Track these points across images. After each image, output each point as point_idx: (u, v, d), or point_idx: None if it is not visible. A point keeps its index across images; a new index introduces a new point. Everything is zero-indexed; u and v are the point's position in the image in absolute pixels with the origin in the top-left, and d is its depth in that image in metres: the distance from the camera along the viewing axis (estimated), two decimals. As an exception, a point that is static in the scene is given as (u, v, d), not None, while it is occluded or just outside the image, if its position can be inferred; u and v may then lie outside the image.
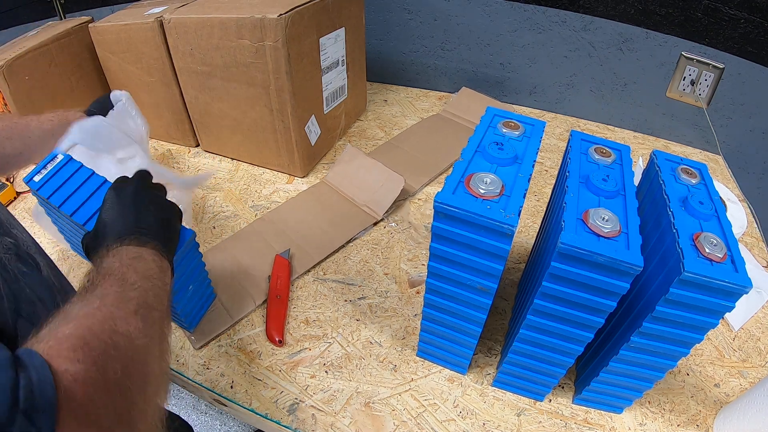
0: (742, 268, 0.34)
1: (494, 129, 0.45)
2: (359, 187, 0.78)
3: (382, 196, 0.75)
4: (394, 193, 0.74)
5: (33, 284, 0.36)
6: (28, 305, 0.34)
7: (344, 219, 0.74)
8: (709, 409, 0.51)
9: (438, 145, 0.91)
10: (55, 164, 0.52)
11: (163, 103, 0.88)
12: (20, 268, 0.36)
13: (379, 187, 0.75)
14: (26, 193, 0.83)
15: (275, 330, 0.57)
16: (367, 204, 0.75)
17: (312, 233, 0.71)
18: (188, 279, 0.54)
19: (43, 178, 0.52)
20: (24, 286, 0.35)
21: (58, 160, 0.53)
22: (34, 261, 0.39)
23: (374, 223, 0.74)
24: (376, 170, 0.77)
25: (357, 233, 0.71)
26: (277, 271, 0.63)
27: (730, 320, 0.60)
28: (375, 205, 0.75)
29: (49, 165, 0.52)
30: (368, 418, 0.49)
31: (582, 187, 0.41)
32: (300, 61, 0.72)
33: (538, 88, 1.04)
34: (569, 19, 0.91)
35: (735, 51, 0.82)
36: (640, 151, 0.93)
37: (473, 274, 0.40)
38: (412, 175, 0.82)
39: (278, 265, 0.64)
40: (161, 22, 0.76)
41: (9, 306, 0.32)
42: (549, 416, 0.50)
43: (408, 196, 0.79)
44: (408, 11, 1.03)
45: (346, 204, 0.77)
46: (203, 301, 0.59)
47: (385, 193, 0.75)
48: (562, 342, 0.42)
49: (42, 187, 0.51)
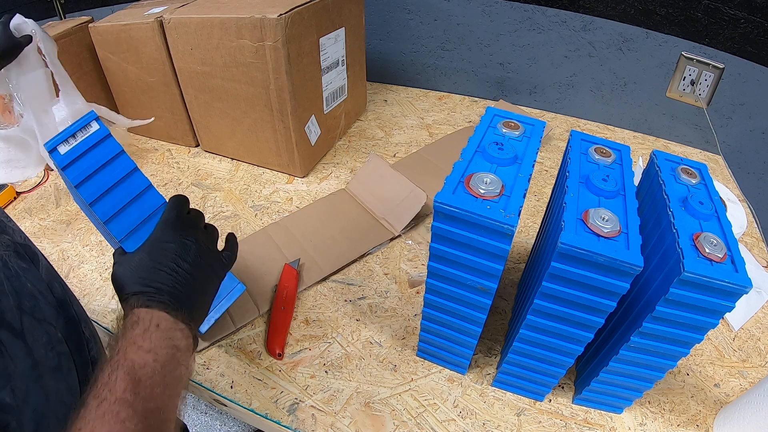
0: (742, 268, 0.34)
1: (494, 129, 0.45)
2: (380, 198, 0.74)
3: (402, 211, 0.71)
4: (414, 210, 0.70)
5: (33, 279, 0.36)
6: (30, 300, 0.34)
7: (360, 232, 0.71)
8: (709, 409, 0.51)
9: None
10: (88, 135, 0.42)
11: (163, 103, 0.88)
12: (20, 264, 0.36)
13: (400, 201, 0.72)
14: (26, 193, 0.83)
15: (276, 343, 0.55)
16: (386, 217, 0.72)
17: (325, 244, 0.69)
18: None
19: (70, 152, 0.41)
20: (25, 281, 0.35)
21: (92, 129, 0.42)
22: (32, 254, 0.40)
23: (391, 239, 0.71)
24: (398, 183, 0.74)
25: (371, 248, 0.69)
26: (285, 281, 0.62)
27: (730, 320, 0.60)
28: (394, 220, 0.72)
29: (80, 134, 0.42)
30: (368, 418, 0.49)
31: (582, 187, 0.41)
32: (300, 61, 0.72)
33: (538, 88, 1.04)
34: (569, 19, 0.91)
35: (735, 51, 0.82)
36: (640, 151, 0.93)
37: (473, 274, 0.40)
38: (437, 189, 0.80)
39: (286, 274, 0.63)
40: (161, 22, 0.76)
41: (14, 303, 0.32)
42: (549, 416, 0.50)
43: (429, 212, 0.75)
44: (408, 11, 1.03)
45: (365, 216, 0.74)
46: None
47: (406, 208, 0.71)
48: (562, 342, 0.42)
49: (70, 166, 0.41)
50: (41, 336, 0.34)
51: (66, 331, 0.37)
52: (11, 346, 0.30)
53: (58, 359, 0.35)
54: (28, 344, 0.32)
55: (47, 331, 0.35)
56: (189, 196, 0.80)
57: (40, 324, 0.34)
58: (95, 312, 0.62)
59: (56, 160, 0.41)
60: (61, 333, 0.36)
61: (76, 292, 0.64)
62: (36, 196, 0.82)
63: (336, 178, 0.84)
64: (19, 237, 0.40)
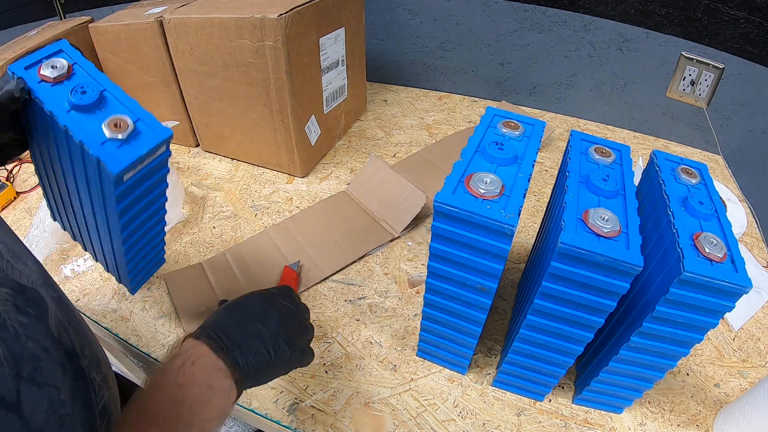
0: (742, 268, 0.34)
1: (494, 129, 0.45)
2: (380, 200, 0.75)
3: (401, 212, 0.71)
4: (414, 210, 0.70)
5: (36, 336, 0.33)
6: (30, 363, 0.31)
7: (360, 233, 0.71)
8: (709, 409, 0.51)
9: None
10: (155, 157, 0.38)
11: (163, 103, 0.88)
12: (20, 320, 0.32)
13: (400, 202, 0.72)
14: (26, 193, 0.83)
15: None
16: (386, 219, 0.73)
17: (325, 246, 0.69)
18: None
19: (133, 179, 0.37)
20: (26, 341, 0.32)
21: (160, 152, 0.38)
22: (39, 300, 0.36)
23: (390, 240, 0.71)
24: (398, 185, 0.74)
25: (371, 250, 0.69)
26: (284, 283, 0.62)
27: (730, 320, 0.60)
28: (393, 221, 0.72)
29: (147, 158, 0.37)
30: (368, 418, 0.49)
31: (582, 187, 0.41)
32: (300, 61, 0.72)
33: (538, 88, 1.04)
34: (569, 19, 0.91)
35: (735, 51, 0.82)
36: (640, 151, 0.93)
37: (473, 274, 0.40)
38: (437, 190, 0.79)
39: (286, 277, 0.63)
40: (161, 22, 0.76)
41: (9, 372, 0.29)
42: (549, 416, 0.50)
43: (429, 213, 0.76)
44: (408, 11, 1.03)
45: (365, 218, 0.74)
46: (153, 259, 0.51)
47: (406, 209, 0.71)
48: (562, 342, 0.42)
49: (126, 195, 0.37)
50: (41, 402, 0.31)
51: (72, 389, 0.34)
52: (2, 422, 0.27)
53: (60, 422, 0.32)
54: (25, 416, 0.29)
55: (49, 396, 0.31)
56: (189, 196, 0.81)
57: (40, 389, 0.31)
58: (95, 312, 0.62)
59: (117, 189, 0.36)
60: (65, 393, 0.33)
61: (75, 292, 0.64)
62: (36, 196, 0.82)
63: (336, 178, 0.84)
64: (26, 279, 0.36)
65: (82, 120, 0.36)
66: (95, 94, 0.38)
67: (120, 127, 0.36)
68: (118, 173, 0.34)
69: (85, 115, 0.37)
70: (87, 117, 0.37)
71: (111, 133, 0.36)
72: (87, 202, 0.41)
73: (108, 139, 0.35)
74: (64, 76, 0.38)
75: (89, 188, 0.39)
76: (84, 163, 0.37)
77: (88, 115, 0.37)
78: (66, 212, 0.50)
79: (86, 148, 0.35)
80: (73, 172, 0.40)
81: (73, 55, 0.41)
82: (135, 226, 0.41)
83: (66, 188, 0.44)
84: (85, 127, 0.36)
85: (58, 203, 0.50)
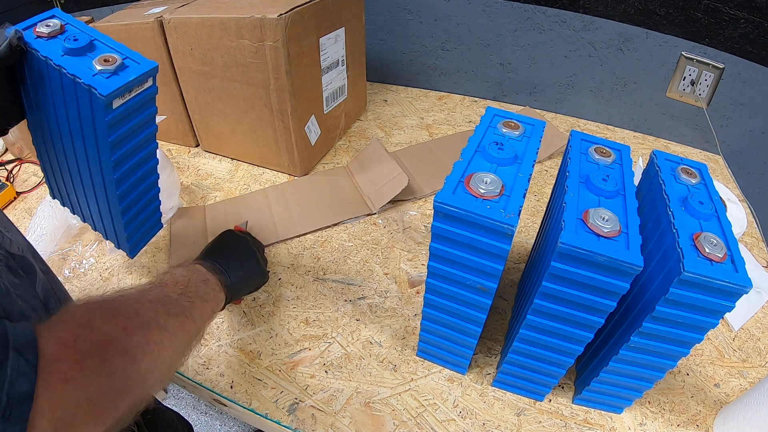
0: (742, 268, 0.34)
1: (494, 129, 0.45)
2: (369, 178, 0.81)
3: (384, 192, 0.77)
4: (394, 192, 0.75)
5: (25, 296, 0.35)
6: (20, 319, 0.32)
7: (343, 203, 0.78)
8: (709, 409, 0.51)
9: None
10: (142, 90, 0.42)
11: (163, 103, 0.88)
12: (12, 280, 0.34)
13: (384, 183, 0.78)
14: (26, 193, 0.83)
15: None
16: (370, 196, 0.78)
17: (309, 209, 0.77)
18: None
19: (123, 107, 0.41)
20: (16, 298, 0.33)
21: (147, 85, 0.43)
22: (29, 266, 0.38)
23: (366, 215, 0.76)
24: (387, 166, 0.80)
25: (346, 219, 0.75)
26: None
27: (730, 320, 0.60)
28: (375, 198, 0.77)
29: (137, 89, 0.42)
30: (368, 418, 0.49)
31: (582, 187, 0.41)
32: (300, 61, 0.72)
33: (538, 88, 1.04)
34: (569, 19, 0.91)
35: (735, 51, 0.82)
36: (640, 151, 0.93)
37: (473, 274, 0.40)
38: (430, 179, 0.83)
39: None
40: (161, 22, 0.76)
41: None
42: (549, 416, 0.50)
43: (413, 197, 0.79)
44: (408, 11, 1.03)
45: (353, 192, 0.80)
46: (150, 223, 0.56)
47: (388, 189, 0.76)
48: (562, 342, 0.42)
49: (116, 125, 0.41)
50: None
51: None
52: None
53: None
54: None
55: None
56: (189, 197, 0.81)
57: None
58: (95, 312, 0.62)
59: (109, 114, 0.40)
60: None
61: (75, 292, 0.64)
62: (36, 196, 0.82)
63: (336, 178, 0.85)
64: (16, 248, 0.38)
65: (74, 61, 0.41)
66: (86, 39, 0.42)
67: (109, 62, 0.41)
68: (107, 95, 0.38)
69: (78, 57, 0.41)
70: (79, 59, 0.41)
71: (101, 66, 0.40)
72: (81, 150, 0.45)
73: (98, 72, 0.40)
74: (57, 32, 0.43)
75: (82, 128, 0.42)
76: (77, 101, 0.41)
77: (80, 57, 0.41)
78: (64, 182, 0.53)
79: (79, 80, 0.39)
80: (67, 118, 0.43)
81: (65, 18, 0.45)
82: (127, 168, 0.45)
83: (62, 147, 0.47)
84: (78, 65, 0.40)
85: (56, 174, 0.53)
